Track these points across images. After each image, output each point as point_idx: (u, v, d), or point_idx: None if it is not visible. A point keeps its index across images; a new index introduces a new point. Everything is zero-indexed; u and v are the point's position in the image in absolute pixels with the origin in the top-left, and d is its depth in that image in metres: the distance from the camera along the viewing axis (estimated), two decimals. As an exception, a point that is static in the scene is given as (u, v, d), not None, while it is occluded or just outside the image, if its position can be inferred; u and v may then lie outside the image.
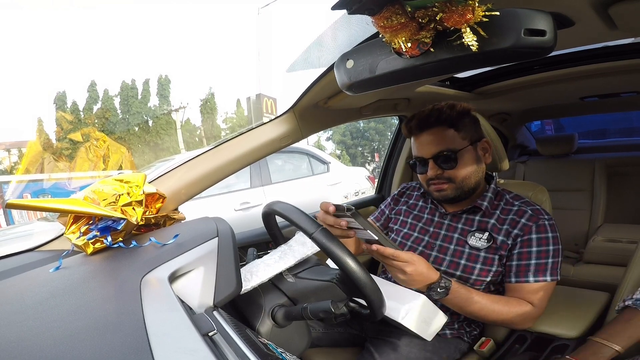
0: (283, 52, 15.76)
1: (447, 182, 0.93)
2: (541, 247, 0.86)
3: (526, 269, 0.87)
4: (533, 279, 0.85)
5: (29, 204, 0.79)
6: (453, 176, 0.92)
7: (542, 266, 0.85)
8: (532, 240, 0.87)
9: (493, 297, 0.86)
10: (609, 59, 1.22)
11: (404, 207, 1.13)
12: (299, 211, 0.72)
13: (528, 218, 0.89)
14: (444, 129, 0.92)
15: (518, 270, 0.88)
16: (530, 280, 0.86)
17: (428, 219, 1.05)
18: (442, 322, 0.87)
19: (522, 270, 0.87)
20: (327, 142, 26.13)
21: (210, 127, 19.69)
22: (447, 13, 0.44)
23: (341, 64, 0.60)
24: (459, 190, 0.94)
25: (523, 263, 0.87)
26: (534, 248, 0.87)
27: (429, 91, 1.34)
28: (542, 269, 0.85)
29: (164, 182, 0.97)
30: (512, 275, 0.88)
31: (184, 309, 0.46)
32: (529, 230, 0.88)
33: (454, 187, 0.93)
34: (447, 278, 0.81)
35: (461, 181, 0.93)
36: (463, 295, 0.83)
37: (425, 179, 0.97)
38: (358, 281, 0.64)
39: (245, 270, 0.74)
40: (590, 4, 0.60)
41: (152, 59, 28.42)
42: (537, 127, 2.65)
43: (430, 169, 0.93)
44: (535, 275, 0.85)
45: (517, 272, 0.88)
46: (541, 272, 0.85)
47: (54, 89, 21.70)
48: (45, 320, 0.47)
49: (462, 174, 0.92)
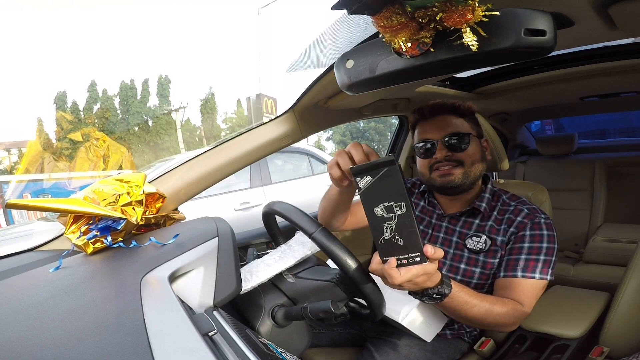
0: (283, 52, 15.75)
1: (456, 165, 0.90)
2: (534, 244, 0.84)
3: (515, 264, 0.84)
4: (521, 274, 0.82)
5: (29, 204, 0.79)
6: (463, 158, 0.90)
7: (531, 262, 0.82)
8: (526, 237, 0.86)
9: (490, 299, 0.78)
10: (609, 59, 1.22)
11: None
12: (299, 211, 0.72)
13: (524, 216, 0.88)
14: (455, 116, 0.93)
15: (507, 265, 0.86)
16: (517, 275, 0.82)
17: (427, 221, 1.03)
18: (442, 323, 0.87)
19: (511, 264, 0.85)
20: (327, 142, 26.13)
21: (210, 127, 19.69)
22: (447, 13, 0.44)
23: (341, 64, 0.59)
24: (466, 177, 0.90)
25: (513, 257, 0.85)
26: (526, 244, 0.85)
27: (429, 91, 1.34)
28: (531, 265, 0.82)
29: (164, 182, 0.97)
30: (502, 269, 0.86)
31: (184, 309, 0.46)
32: (523, 227, 0.87)
33: (462, 172, 0.90)
34: (447, 283, 0.69)
35: (470, 165, 0.90)
36: (461, 300, 0.73)
37: (429, 164, 0.94)
38: (358, 281, 0.64)
39: (245, 270, 0.74)
40: (590, 4, 0.60)
41: (152, 59, 28.37)
42: (537, 127, 2.64)
43: (439, 151, 0.91)
44: (524, 271, 0.82)
45: (506, 267, 0.86)
46: (530, 268, 0.82)
47: (54, 89, 21.68)
48: (45, 320, 0.47)
49: (471, 157, 0.91)
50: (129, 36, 32.99)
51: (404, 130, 1.73)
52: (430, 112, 0.95)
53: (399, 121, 1.75)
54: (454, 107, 0.95)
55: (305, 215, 0.70)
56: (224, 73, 36.80)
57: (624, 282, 0.91)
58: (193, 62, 32.65)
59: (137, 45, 32.24)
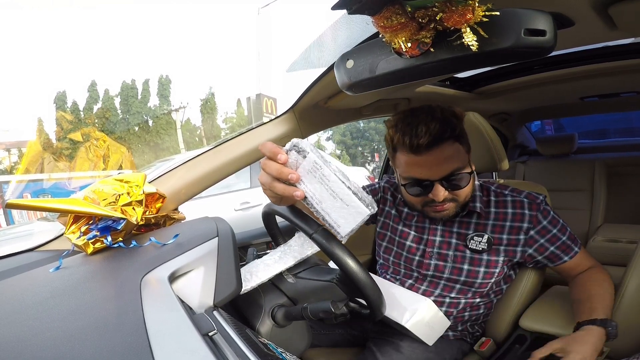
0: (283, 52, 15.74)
1: (450, 201, 0.84)
2: (555, 228, 0.88)
3: (556, 254, 0.89)
4: (567, 257, 0.89)
5: (29, 204, 0.79)
6: (458, 195, 0.84)
7: (565, 245, 0.88)
8: (546, 228, 0.87)
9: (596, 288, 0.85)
10: (609, 59, 1.22)
11: (393, 210, 1.03)
12: (299, 211, 0.72)
13: (529, 207, 0.88)
14: (451, 143, 0.79)
15: (550, 259, 0.89)
16: (565, 259, 0.89)
17: (419, 226, 0.97)
18: (445, 327, 0.87)
19: (553, 256, 0.89)
20: (327, 142, 26.16)
21: (210, 127, 19.70)
22: (447, 13, 0.44)
23: (341, 64, 0.59)
24: (459, 208, 0.87)
25: (550, 250, 0.88)
26: (554, 230, 0.87)
27: (429, 91, 1.34)
28: (567, 246, 0.88)
29: (164, 182, 0.97)
30: (549, 262, 0.91)
31: (184, 309, 0.46)
32: (537, 220, 0.87)
33: (455, 206, 0.86)
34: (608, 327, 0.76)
35: (464, 199, 0.86)
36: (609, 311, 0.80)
37: (421, 202, 0.86)
38: (358, 281, 0.63)
39: (245, 270, 0.74)
40: (590, 4, 0.60)
41: (152, 59, 28.44)
42: (537, 127, 2.64)
43: (436, 193, 0.81)
44: (567, 254, 0.89)
45: (551, 260, 0.90)
46: (568, 249, 0.88)
47: (54, 89, 21.71)
48: (45, 320, 0.47)
49: (468, 192, 0.86)
50: (130, 36, 33.05)
51: (404, 130, 1.73)
52: (426, 146, 0.76)
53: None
54: (446, 131, 0.77)
55: (305, 215, 0.70)
56: (224, 73, 36.87)
57: (624, 282, 0.91)
58: (193, 62, 32.72)
59: (137, 46, 32.30)
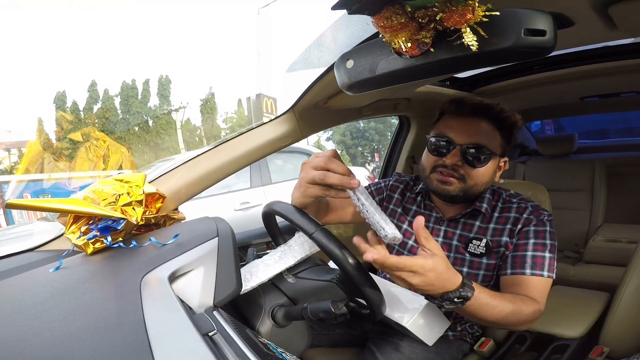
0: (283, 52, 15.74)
1: (458, 178, 0.84)
2: (538, 240, 0.83)
3: (522, 261, 0.82)
4: (530, 271, 0.80)
5: (29, 204, 0.79)
6: (468, 176, 0.84)
7: (538, 259, 0.81)
8: (530, 232, 0.84)
9: (510, 298, 0.75)
10: (609, 59, 1.22)
11: (399, 208, 1.03)
12: (299, 211, 0.72)
13: (529, 213, 0.87)
14: (492, 127, 0.85)
15: (514, 262, 0.83)
16: (527, 272, 0.80)
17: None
18: (445, 327, 0.87)
19: (518, 262, 0.82)
20: (327, 142, 26.14)
21: (210, 127, 19.70)
22: (447, 13, 0.44)
23: (341, 64, 0.59)
24: (462, 193, 0.85)
25: (519, 254, 0.83)
26: (531, 240, 0.83)
27: (429, 91, 1.34)
28: (539, 262, 0.80)
29: (164, 182, 0.97)
30: (508, 266, 0.84)
31: (184, 309, 0.46)
32: (528, 223, 0.86)
33: (460, 187, 0.85)
34: (469, 285, 0.66)
35: (472, 185, 0.85)
36: (482, 302, 0.68)
37: (432, 164, 0.87)
38: (358, 281, 0.64)
39: (245, 270, 0.74)
40: (590, 4, 0.60)
41: (152, 59, 28.45)
42: (537, 127, 2.65)
43: (452, 156, 0.83)
44: (532, 269, 0.80)
45: (513, 264, 0.83)
46: (538, 265, 0.80)
47: (54, 89, 21.70)
48: (45, 320, 0.47)
49: (478, 178, 0.85)
50: (130, 36, 33.05)
51: (404, 130, 1.73)
52: (470, 111, 0.85)
53: (399, 121, 1.75)
54: (500, 116, 0.85)
55: (305, 215, 0.70)
56: (224, 73, 36.88)
57: (624, 282, 0.91)
58: (193, 62, 32.73)
59: (137, 46, 32.30)
